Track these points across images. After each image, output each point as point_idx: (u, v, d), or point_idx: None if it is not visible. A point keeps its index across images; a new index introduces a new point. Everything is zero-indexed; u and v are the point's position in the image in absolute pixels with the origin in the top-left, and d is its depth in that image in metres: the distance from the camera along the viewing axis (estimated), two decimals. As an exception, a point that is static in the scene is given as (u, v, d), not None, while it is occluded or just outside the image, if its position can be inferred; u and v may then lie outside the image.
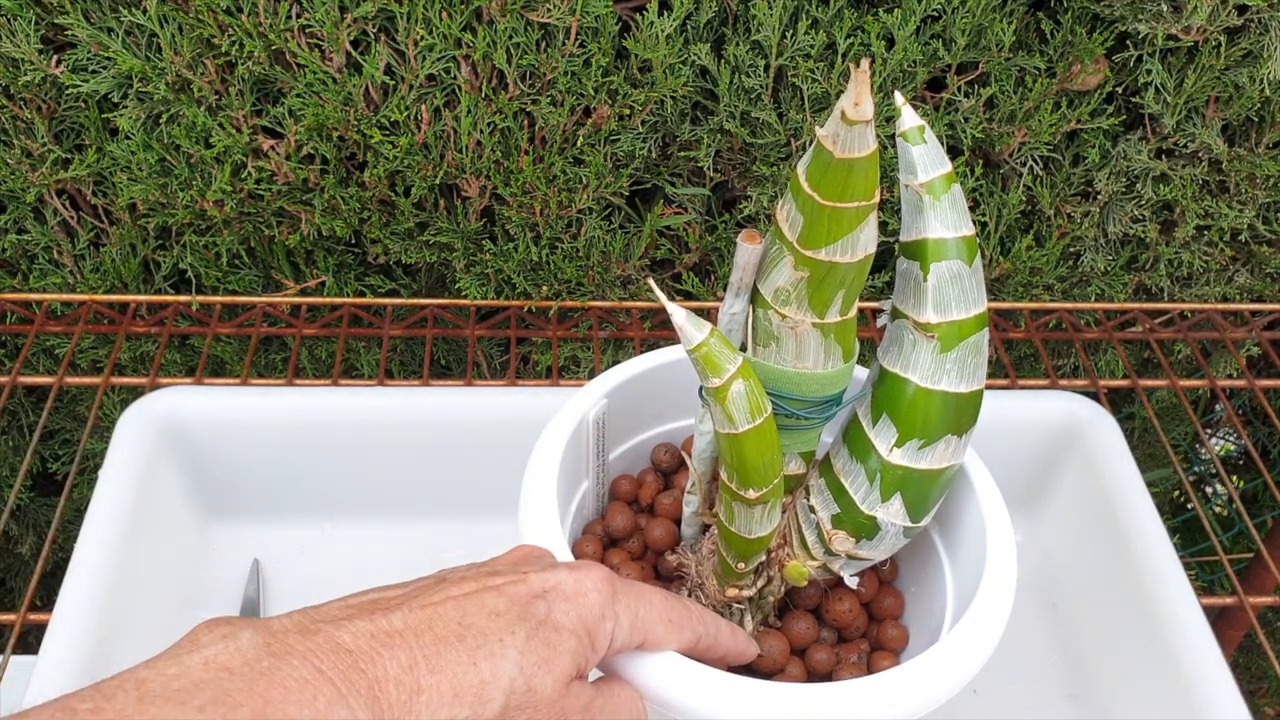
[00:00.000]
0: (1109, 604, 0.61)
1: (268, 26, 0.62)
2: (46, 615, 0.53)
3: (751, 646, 0.44)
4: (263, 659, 0.30)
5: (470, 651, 0.33)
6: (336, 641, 0.31)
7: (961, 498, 0.47)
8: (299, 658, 0.30)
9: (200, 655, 0.30)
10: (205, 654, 0.30)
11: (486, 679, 0.33)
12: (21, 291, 0.76)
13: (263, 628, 0.32)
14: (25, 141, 0.69)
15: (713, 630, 0.41)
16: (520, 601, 0.35)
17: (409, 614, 0.33)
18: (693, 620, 0.40)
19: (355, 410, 0.64)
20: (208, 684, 0.29)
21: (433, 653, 0.32)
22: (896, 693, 0.39)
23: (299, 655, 0.30)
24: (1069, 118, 0.70)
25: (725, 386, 0.37)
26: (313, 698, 0.29)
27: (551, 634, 0.35)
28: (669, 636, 0.39)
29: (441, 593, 0.35)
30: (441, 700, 0.32)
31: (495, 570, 0.37)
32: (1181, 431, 0.97)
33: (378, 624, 0.33)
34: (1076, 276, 0.79)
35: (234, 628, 0.31)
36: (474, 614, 0.34)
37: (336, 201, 0.70)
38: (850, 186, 0.35)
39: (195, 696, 0.28)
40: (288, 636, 0.31)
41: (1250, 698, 1.12)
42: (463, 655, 0.33)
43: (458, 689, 0.32)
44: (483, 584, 0.35)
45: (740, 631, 0.43)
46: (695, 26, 0.66)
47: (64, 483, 0.91)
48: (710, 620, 0.41)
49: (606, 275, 0.75)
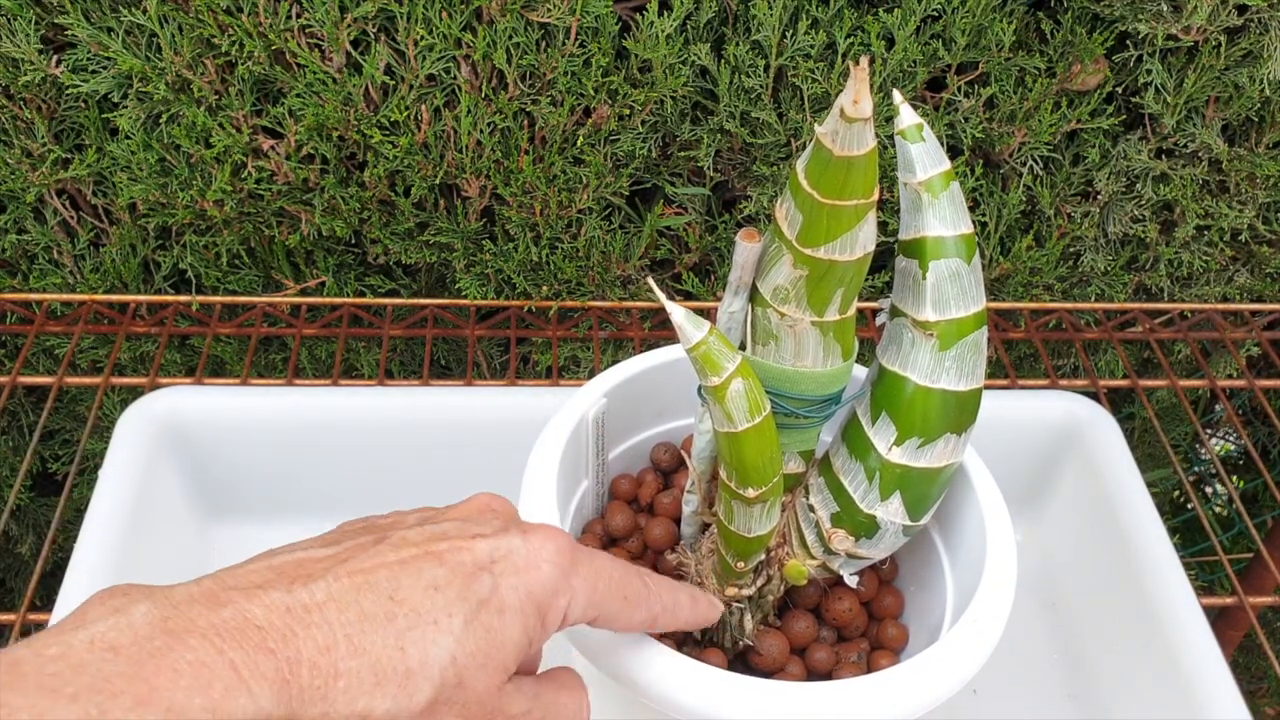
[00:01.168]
0: (1109, 604, 0.61)
1: (268, 26, 0.62)
2: (46, 615, 0.53)
3: (714, 611, 0.41)
4: (156, 637, 0.27)
5: (399, 634, 0.29)
6: (246, 616, 0.28)
7: (961, 497, 0.47)
8: (198, 636, 0.27)
9: (87, 632, 0.26)
10: (92, 631, 0.26)
11: (414, 666, 0.29)
12: (21, 291, 0.76)
13: (163, 598, 0.28)
14: (25, 141, 0.69)
15: (670, 605, 0.38)
16: (464, 574, 0.31)
17: (334, 583, 0.30)
18: (649, 598, 0.37)
19: (355, 410, 0.64)
20: (88, 666, 0.25)
21: (356, 632, 0.29)
22: (896, 692, 0.39)
23: (198, 633, 0.27)
24: (1069, 118, 0.70)
25: (724, 385, 0.37)
26: (207, 683, 0.26)
27: (494, 618, 0.31)
28: (623, 614, 0.36)
29: (376, 556, 0.31)
30: (362, 687, 0.28)
31: (442, 531, 0.33)
32: (1181, 431, 0.97)
33: (296, 596, 0.29)
34: (1076, 276, 0.79)
35: (129, 599, 0.28)
36: (409, 587, 0.30)
37: (336, 201, 0.70)
38: (849, 184, 0.35)
39: (70, 682, 0.25)
40: (191, 609, 0.28)
41: (1250, 698, 1.12)
42: (390, 638, 0.29)
43: (380, 676, 0.29)
44: (423, 548, 0.32)
45: (702, 598, 0.41)
46: (695, 26, 0.66)
47: (64, 483, 0.91)
48: (668, 594, 0.38)
49: (606, 275, 0.75)
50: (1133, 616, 0.58)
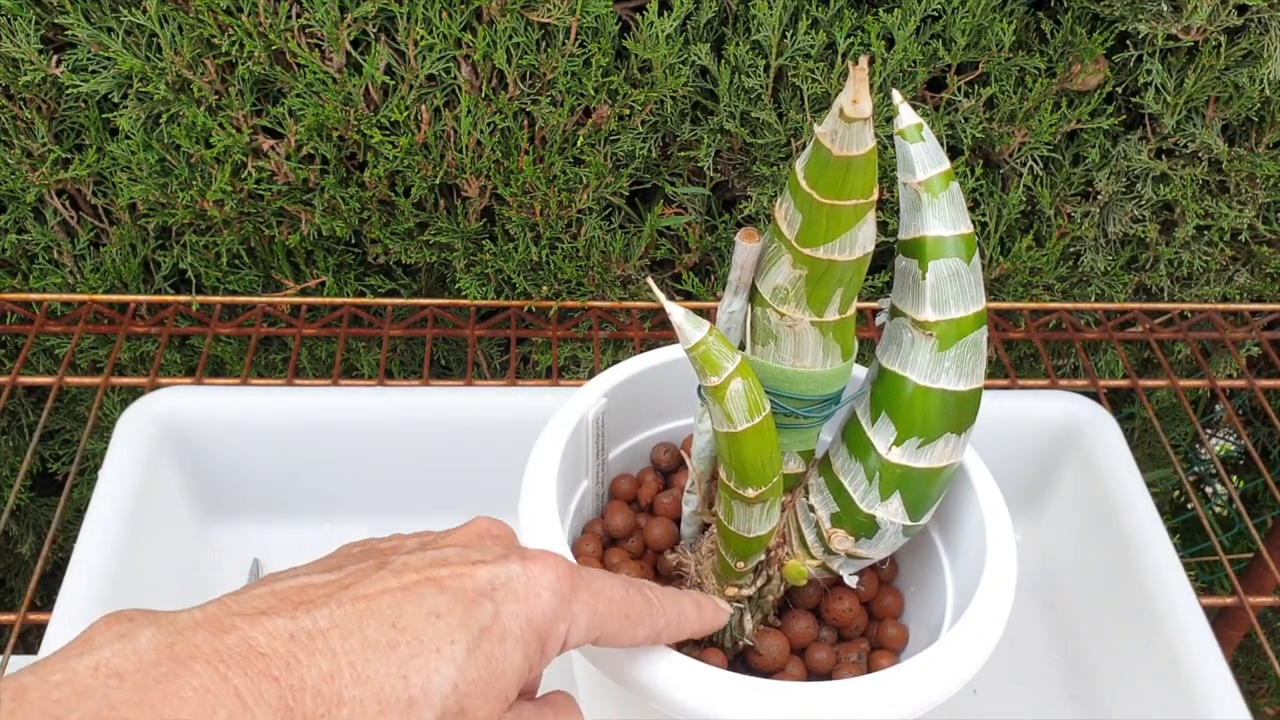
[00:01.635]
0: (1109, 604, 0.61)
1: (268, 26, 0.62)
2: (46, 615, 0.53)
3: (720, 616, 0.42)
4: (161, 663, 0.27)
5: (402, 662, 0.30)
6: (250, 643, 0.28)
7: (961, 497, 0.47)
8: (203, 662, 0.27)
9: (91, 658, 0.27)
10: (97, 656, 0.27)
11: (417, 695, 0.29)
12: (21, 291, 0.76)
13: (168, 624, 0.28)
14: (25, 141, 0.69)
15: (675, 618, 0.38)
16: (465, 601, 0.31)
17: (338, 609, 0.30)
18: (652, 614, 0.37)
19: (355, 410, 0.64)
20: (93, 693, 0.26)
21: (359, 659, 0.29)
22: (896, 692, 0.39)
23: (203, 659, 0.27)
24: (1069, 118, 0.70)
25: (724, 385, 0.37)
26: (212, 710, 0.26)
27: (495, 646, 0.31)
28: (626, 633, 0.36)
29: (379, 582, 0.31)
30: (365, 715, 0.29)
31: (443, 557, 0.33)
32: (1181, 431, 0.97)
33: (300, 623, 0.29)
34: (1076, 276, 0.79)
35: (134, 625, 0.28)
36: (411, 614, 0.31)
37: (336, 201, 0.70)
38: (848, 184, 0.35)
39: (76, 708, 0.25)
40: (195, 634, 0.28)
41: (1250, 698, 1.12)
42: (393, 665, 0.29)
43: (384, 704, 0.29)
44: (425, 574, 0.32)
45: (708, 604, 0.41)
46: (695, 26, 0.66)
47: (64, 483, 0.91)
48: (672, 607, 0.38)
49: (606, 275, 0.75)
50: (1133, 616, 0.58)
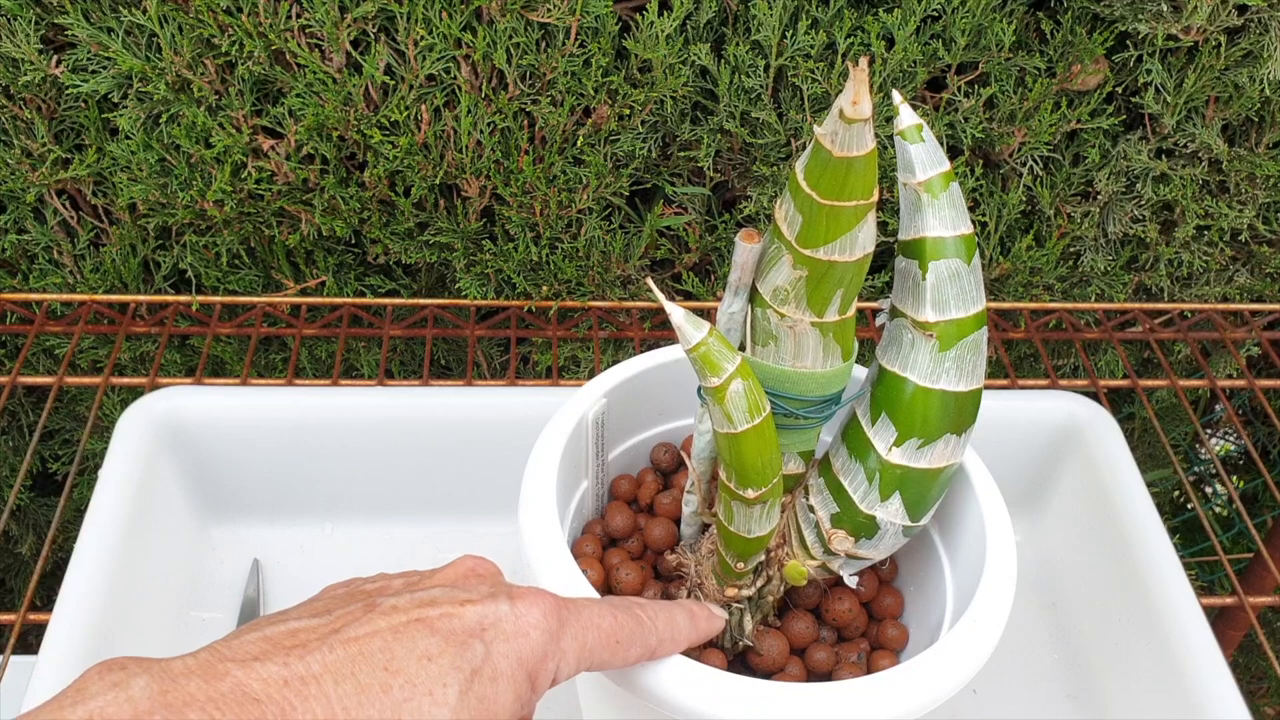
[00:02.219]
0: (1109, 604, 0.61)
1: (268, 26, 0.62)
2: (46, 615, 0.53)
3: (715, 624, 0.42)
4: (155, 711, 0.27)
5: (396, 705, 0.29)
6: (244, 689, 0.28)
7: (961, 497, 0.47)
8: (197, 709, 0.27)
9: (85, 708, 0.27)
10: (91, 706, 0.27)
11: None
12: (21, 291, 0.76)
13: (161, 672, 0.28)
14: (25, 141, 0.69)
15: (669, 634, 0.39)
16: (456, 642, 0.32)
17: (329, 653, 0.30)
18: (644, 633, 0.37)
19: (355, 410, 0.64)
20: None
21: (353, 704, 0.29)
22: (896, 692, 0.39)
23: (198, 706, 0.27)
24: (1069, 118, 0.70)
25: (724, 386, 0.37)
26: None
27: (487, 687, 0.31)
28: (617, 659, 0.36)
29: (369, 624, 0.31)
30: None
31: (431, 597, 0.33)
32: (1181, 431, 0.97)
33: (293, 668, 0.29)
34: (1076, 276, 0.79)
35: (127, 674, 0.28)
36: (403, 657, 0.31)
37: (336, 201, 0.70)
38: (848, 185, 0.35)
39: None
40: (189, 682, 0.28)
41: (1250, 698, 1.12)
42: (387, 710, 0.29)
43: None
44: (414, 615, 0.32)
45: (701, 613, 0.41)
46: (695, 26, 0.66)
47: (64, 483, 0.91)
48: (664, 622, 0.39)
49: (606, 275, 0.75)
50: (1133, 616, 0.58)
